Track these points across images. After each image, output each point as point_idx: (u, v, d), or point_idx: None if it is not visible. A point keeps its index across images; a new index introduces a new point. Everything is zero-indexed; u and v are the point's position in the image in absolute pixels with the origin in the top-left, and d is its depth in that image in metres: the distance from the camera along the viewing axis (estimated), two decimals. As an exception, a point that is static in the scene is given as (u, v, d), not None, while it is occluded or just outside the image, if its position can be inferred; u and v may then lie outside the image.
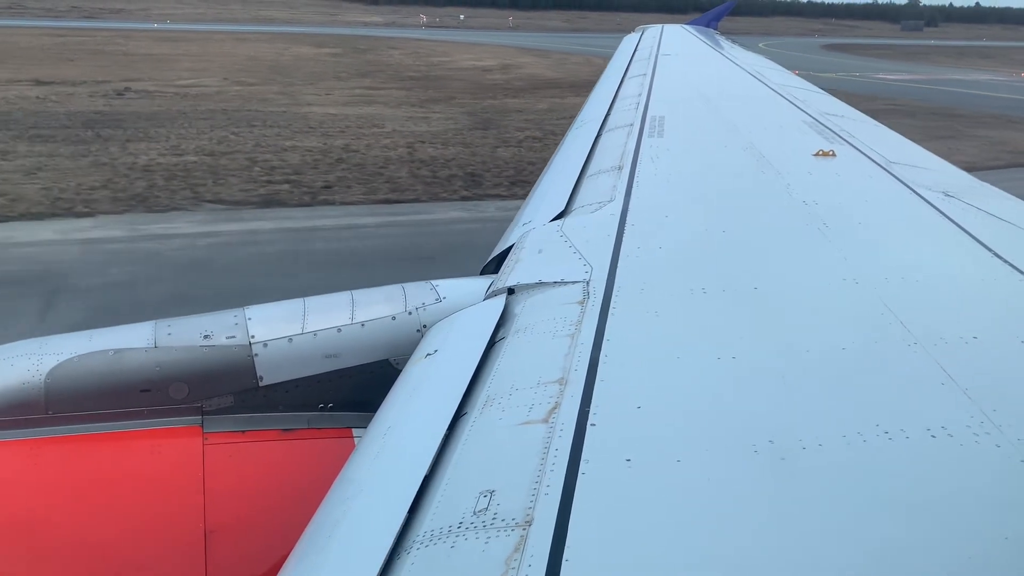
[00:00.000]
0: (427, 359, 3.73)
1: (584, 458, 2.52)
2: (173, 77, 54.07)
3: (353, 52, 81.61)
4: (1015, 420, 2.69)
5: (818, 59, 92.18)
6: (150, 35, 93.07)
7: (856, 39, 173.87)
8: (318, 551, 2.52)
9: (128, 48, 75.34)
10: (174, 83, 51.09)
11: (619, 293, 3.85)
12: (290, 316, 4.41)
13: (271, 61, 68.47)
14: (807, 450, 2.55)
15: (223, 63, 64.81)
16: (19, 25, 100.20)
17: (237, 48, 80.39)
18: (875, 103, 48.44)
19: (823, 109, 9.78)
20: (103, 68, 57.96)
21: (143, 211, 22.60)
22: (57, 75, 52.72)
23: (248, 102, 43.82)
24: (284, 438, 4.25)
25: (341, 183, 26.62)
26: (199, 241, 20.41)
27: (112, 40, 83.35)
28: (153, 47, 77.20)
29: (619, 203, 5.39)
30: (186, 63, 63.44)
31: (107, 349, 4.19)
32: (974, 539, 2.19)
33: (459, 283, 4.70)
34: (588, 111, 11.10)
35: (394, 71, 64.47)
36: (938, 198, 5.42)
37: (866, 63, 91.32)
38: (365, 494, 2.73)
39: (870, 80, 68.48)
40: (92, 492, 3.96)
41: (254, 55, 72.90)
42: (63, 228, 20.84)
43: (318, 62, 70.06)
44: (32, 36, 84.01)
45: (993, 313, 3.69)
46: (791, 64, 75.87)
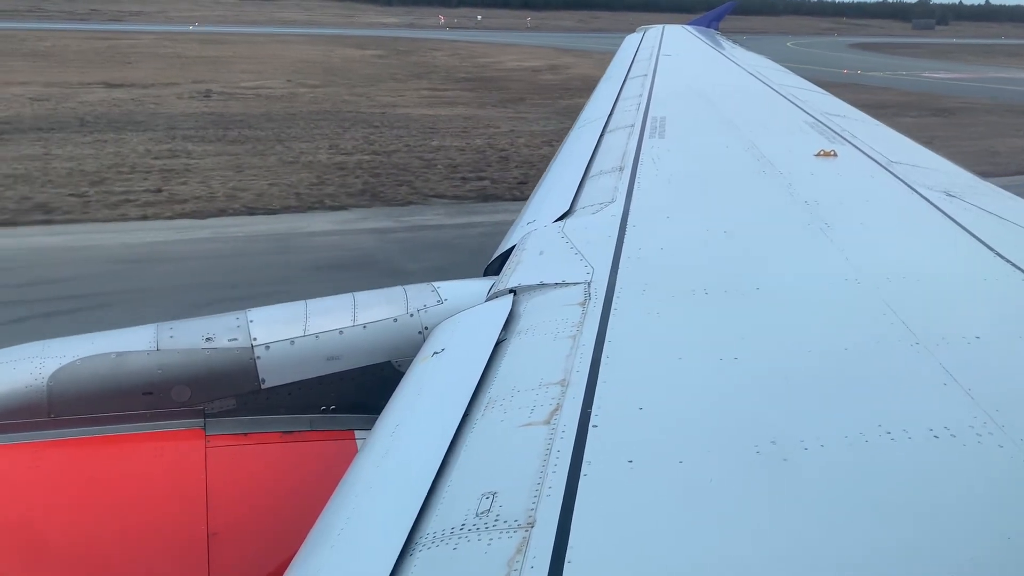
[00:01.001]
0: (434, 358, 3.72)
1: (586, 460, 2.53)
2: (236, 79, 54.98)
3: (396, 54, 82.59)
4: (1018, 420, 2.68)
5: (854, 58, 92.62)
6: (192, 38, 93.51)
7: (872, 37, 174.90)
8: (326, 552, 2.52)
9: (177, 51, 76.26)
10: (240, 85, 52.05)
11: (620, 294, 3.85)
12: (292, 318, 4.44)
13: (321, 63, 69.41)
14: (809, 451, 2.55)
15: (276, 65, 65.77)
16: (52, 28, 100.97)
17: (283, 51, 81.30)
18: (949, 101, 49.78)
19: (824, 109, 9.78)
20: (163, 71, 58.95)
21: (383, 205, 23.61)
22: (124, 78, 53.67)
23: (334, 104, 44.24)
24: (286, 440, 4.27)
25: (531, 179, 27.95)
26: (470, 231, 21.11)
27: (159, 43, 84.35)
28: (201, 50, 77.96)
29: (620, 204, 5.39)
30: (241, 65, 64.39)
31: (109, 352, 4.22)
32: (977, 540, 2.18)
33: (460, 285, 4.72)
34: (590, 111, 11.17)
35: (445, 72, 65.44)
36: (940, 198, 5.40)
37: (902, 62, 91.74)
38: (373, 495, 2.73)
39: (922, 79, 68.86)
40: (94, 495, 3.97)
41: (302, 57, 73.75)
42: (335, 219, 21.90)
43: (367, 64, 71.04)
44: (79, 40, 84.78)
45: (995, 313, 3.68)
46: (832, 63, 77.91)
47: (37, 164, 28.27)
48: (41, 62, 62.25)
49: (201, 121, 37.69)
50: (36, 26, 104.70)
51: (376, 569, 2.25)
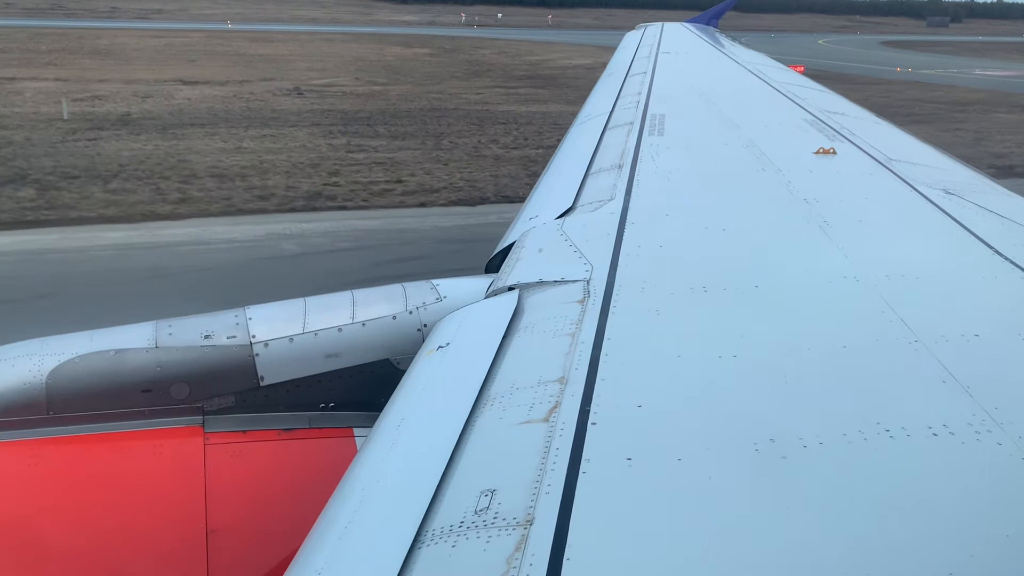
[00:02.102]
0: (439, 352, 3.72)
1: (585, 457, 2.53)
2: (306, 77, 56.20)
3: (443, 52, 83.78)
4: (1016, 418, 2.68)
5: (895, 56, 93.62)
6: (238, 36, 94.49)
7: (892, 35, 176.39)
8: (331, 548, 2.51)
9: (232, 48, 77.37)
10: (315, 83, 53.23)
11: (620, 292, 3.85)
12: (291, 316, 4.44)
13: (376, 61, 70.61)
14: (808, 448, 2.55)
15: (335, 63, 66.97)
16: (83, 26, 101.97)
17: (332, 49, 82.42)
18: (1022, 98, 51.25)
19: (823, 107, 9.79)
20: (230, 68, 60.22)
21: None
22: (196, 76, 54.89)
23: (429, 101, 45.35)
24: (285, 438, 4.28)
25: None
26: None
27: (209, 41, 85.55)
28: (254, 48, 78.98)
29: (619, 202, 5.39)
30: (301, 63, 65.61)
31: (108, 349, 4.22)
32: (976, 537, 2.20)
33: (459, 282, 4.74)
34: (590, 107, 11.23)
35: (502, 70, 66.72)
36: (938, 195, 5.40)
37: (946, 59, 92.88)
38: (379, 492, 2.73)
39: (978, 76, 69.97)
40: (93, 492, 3.98)
41: (355, 55, 74.88)
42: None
43: (421, 62, 72.26)
44: (131, 38, 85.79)
45: (994, 310, 3.68)
46: (878, 61, 79.61)
47: (248, 157, 29.66)
48: (108, 60, 63.54)
49: (327, 118, 38.93)
50: (64, 24, 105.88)
51: (384, 567, 2.25)
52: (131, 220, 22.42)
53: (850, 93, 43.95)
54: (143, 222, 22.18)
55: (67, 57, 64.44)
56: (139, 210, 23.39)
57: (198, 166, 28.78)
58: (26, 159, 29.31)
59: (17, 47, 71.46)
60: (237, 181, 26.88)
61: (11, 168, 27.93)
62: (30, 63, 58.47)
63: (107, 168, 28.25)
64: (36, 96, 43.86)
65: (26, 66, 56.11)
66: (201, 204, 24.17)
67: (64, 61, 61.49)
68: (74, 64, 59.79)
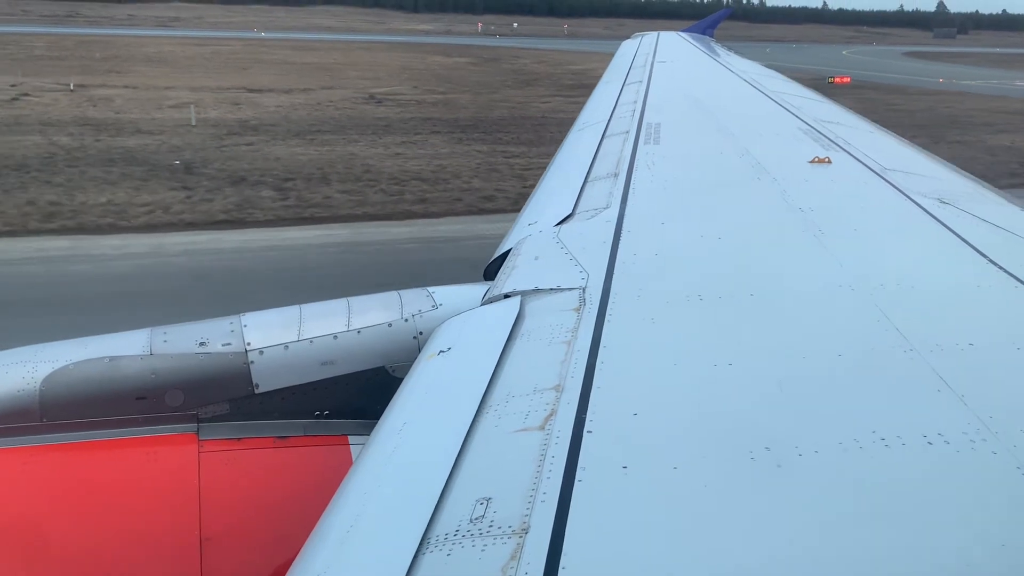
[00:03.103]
0: (440, 356, 3.72)
1: (580, 465, 2.53)
2: (364, 85, 57.41)
3: (484, 61, 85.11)
4: (1011, 427, 2.67)
5: (925, 67, 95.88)
6: (278, 44, 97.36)
7: (907, 46, 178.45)
8: (333, 554, 2.51)
9: (279, 57, 78.89)
10: (375, 91, 54.64)
11: (615, 300, 3.86)
12: (286, 323, 4.45)
13: (423, 70, 71.90)
14: (804, 457, 2.54)
15: (386, 72, 68.22)
16: (108, 34, 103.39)
17: (373, 57, 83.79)
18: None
19: (818, 116, 9.77)
20: (286, 77, 61.43)
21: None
22: (258, 83, 56.05)
23: (501, 110, 46.54)
24: (280, 445, 4.27)
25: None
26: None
27: (252, 50, 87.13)
28: (298, 56, 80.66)
29: (615, 210, 5.40)
30: (352, 72, 66.92)
31: (102, 356, 4.23)
32: (971, 546, 2.19)
33: (455, 290, 4.75)
34: (587, 115, 11.27)
35: (550, 79, 67.95)
36: (933, 204, 5.40)
37: (979, 71, 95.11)
38: (383, 498, 2.72)
39: (1021, 87, 71.65)
40: (87, 500, 3.97)
41: (401, 64, 76.11)
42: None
43: (468, 71, 73.44)
44: (176, 46, 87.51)
45: (989, 319, 3.68)
46: (912, 72, 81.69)
47: (417, 162, 31.41)
48: (164, 68, 64.76)
49: (436, 125, 40.85)
50: (87, 31, 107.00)
51: (392, 572, 2.23)
52: (399, 218, 24.45)
53: (910, 103, 46.89)
54: (410, 220, 24.23)
55: (123, 64, 65.77)
56: (389, 209, 25.14)
57: (383, 170, 30.53)
58: (216, 163, 31.12)
59: (70, 54, 72.97)
60: (442, 184, 28.40)
61: (216, 170, 29.81)
62: (91, 70, 59.72)
63: (305, 171, 30.14)
64: (129, 103, 45.19)
65: (89, 73, 57.34)
66: (439, 204, 25.95)
67: (122, 68, 62.81)
68: (134, 72, 61.04)
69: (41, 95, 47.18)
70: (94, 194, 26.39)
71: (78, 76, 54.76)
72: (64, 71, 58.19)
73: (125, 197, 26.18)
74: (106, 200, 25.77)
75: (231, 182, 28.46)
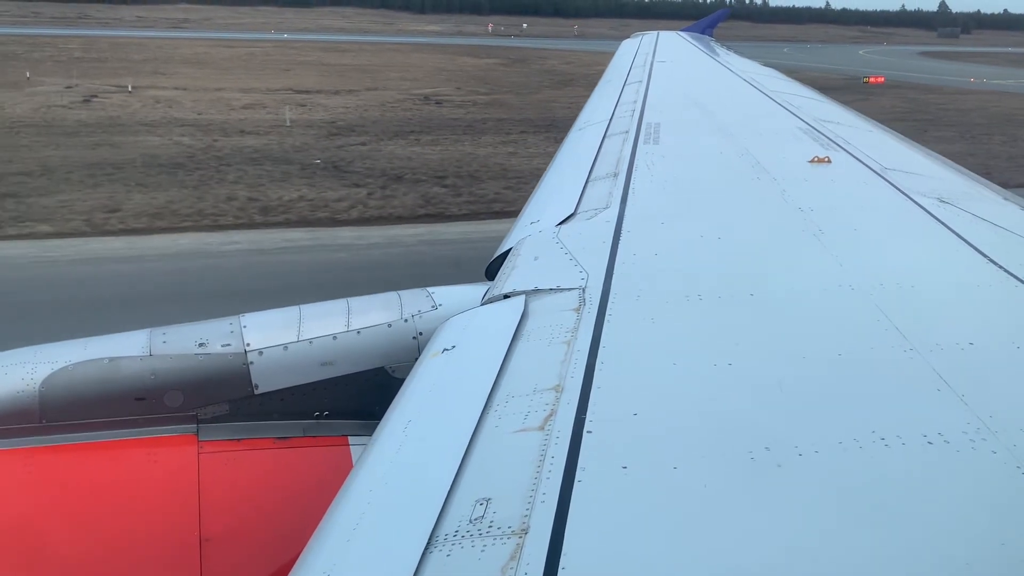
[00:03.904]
0: (444, 355, 3.72)
1: (580, 465, 2.53)
2: (406, 86, 57.94)
3: (514, 63, 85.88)
4: (1011, 426, 2.68)
5: (945, 67, 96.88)
6: (307, 46, 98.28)
7: (920, 46, 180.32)
8: (337, 553, 2.50)
9: (313, 59, 79.59)
10: (420, 92, 55.59)
11: (615, 300, 3.85)
12: (286, 324, 4.45)
13: (457, 71, 72.54)
14: (803, 456, 2.54)
15: (422, 73, 68.78)
16: (122, 36, 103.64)
17: (404, 59, 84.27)
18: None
19: (818, 115, 9.79)
20: (328, 78, 62.09)
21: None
22: (305, 85, 56.69)
23: (555, 110, 46.84)
24: (279, 446, 4.28)
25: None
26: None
27: (283, 52, 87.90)
28: (332, 58, 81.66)
29: (615, 210, 5.41)
30: (391, 73, 67.57)
31: (102, 357, 4.23)
32: (972, 545, 2.20)
33: (455, 290, 4.76)
34: (587, 114, 11.28)
35: (584, 80, 68.16)
36: (933, 204, 5.41)
37: (1002, 70, 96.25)
38: (386, 497, 2.71)
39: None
40: (87, 501, 3.98)
41: (433, 66, 76.68)
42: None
43: (500, 72, 74.08)
44: (210, 47, 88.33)
45: (989, 319, 3.68)
46: (938, 72, 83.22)
47: (541, 160, 32.89)
48: (206, 69, 65.44)
49: (512, 126, 41.64)
50: (106, 33, 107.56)
51: (400, 570, 2.23)
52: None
53: (956, 102, 48.54)
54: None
55: (164, 66, 66.52)
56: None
57: (517, 167, 31.77)
58: (355, 162, 32.41)
59: (108, 56, 73.67)
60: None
61: (366, 169, 31.24)
62: (136, 72, 60.46)
63: (447, 169, 31.77)
64: (199, 105, 46.14)
65: (134, 75, 58.09)
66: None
67: (165, 70, 63.56)
68: (178, 73, 61.80)
69: (108, 96, 48.09)
70: (277, 190, 27.47)
71: (126, 78, 55.57)
72: (110, 73, 59.02)
73: (311, 193, 27.12)
74: (297, 195, 26.74)
75: (392, 179, 29.51)
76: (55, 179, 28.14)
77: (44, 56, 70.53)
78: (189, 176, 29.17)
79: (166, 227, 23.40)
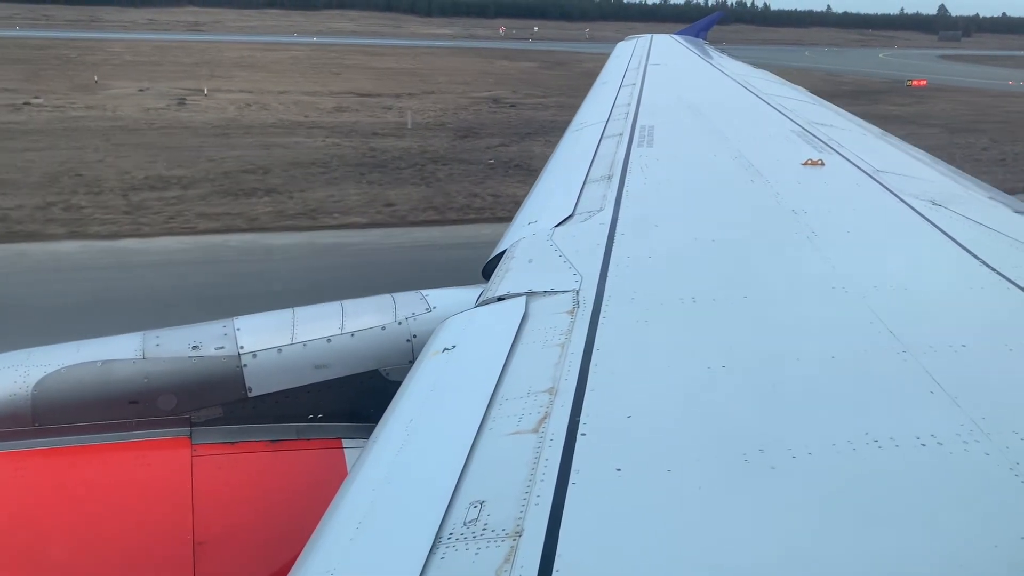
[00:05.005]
0: (445, 354, 3.71)
1: (574, 468, 2.53)
2: (462, 90, 58.86)
3: (551, 65, 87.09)
4: (1004, 428, 2.69)
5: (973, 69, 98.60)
6: (344, 49, 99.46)
7: (928, 49, 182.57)
8: (341, 553, 2.48)
9: (357, 62, 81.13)
10: (477, 95, 56.46)
11: (609, 302, 3.86)
12: (279, 326, 4.46)
13: (502, 74, 73.37)
14: (797, 459, 2.55)
15: (469, 76, 69.44)
16: (140, 39, 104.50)
17: (445, 62, 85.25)
18: None
19: (811, 118, 9.82)
20: (382, 81, 62.85)
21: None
22: (365, 88, 57.41)
23: None
24: (273, 449, 4.29)
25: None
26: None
27: (323, 55, 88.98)
28: (375, 62, 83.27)
29: (609, 212, 5.41)
30: (439, 77, 68.20)
31: (95, 360, 4.23)
32: (964, 547, 2.20)
33: (449, 293, 4.76)
34: (582, 116, 11.35)
35: (630, 83, 70.79)
36: (925, 206, 5.42)
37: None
38: (388, 499, 2.70)
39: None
40: (80, 504, 3.99)
41: (476, 69, 77.60)
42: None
43: (545, 75, 74.71)
44: (249, 50, 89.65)
45: (981, 321, 3.69)
46: (969, 75, 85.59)
47: None
48: (260, 73, 66.09)
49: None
50: (122, 36, 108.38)
51: (407, 568, 2.23)
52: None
53: (1011, 104, 50.47)
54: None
55: (218, 70, 67.38)
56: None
57: None
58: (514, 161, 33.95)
59: (158, 59, 74.48)
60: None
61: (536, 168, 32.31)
62: (194, 75, 61.34)
63: None
64: (291, 108, 47.17)
65: (194, 78, 58.92)
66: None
67: (221, 73, 64.44)
68: (235, 76, 62.64)
69: (195, 99, 48.97)
70: (496, 186, 28.69)
71: (188, 81, 56.45)
72: (170, 76, 59.73)
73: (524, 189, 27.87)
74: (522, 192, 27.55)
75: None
76: (285, 177, 29.32)
77: (97, 60, 71.33)
78: (402, 174, 30.54)
79: (455, 219, 24.89)
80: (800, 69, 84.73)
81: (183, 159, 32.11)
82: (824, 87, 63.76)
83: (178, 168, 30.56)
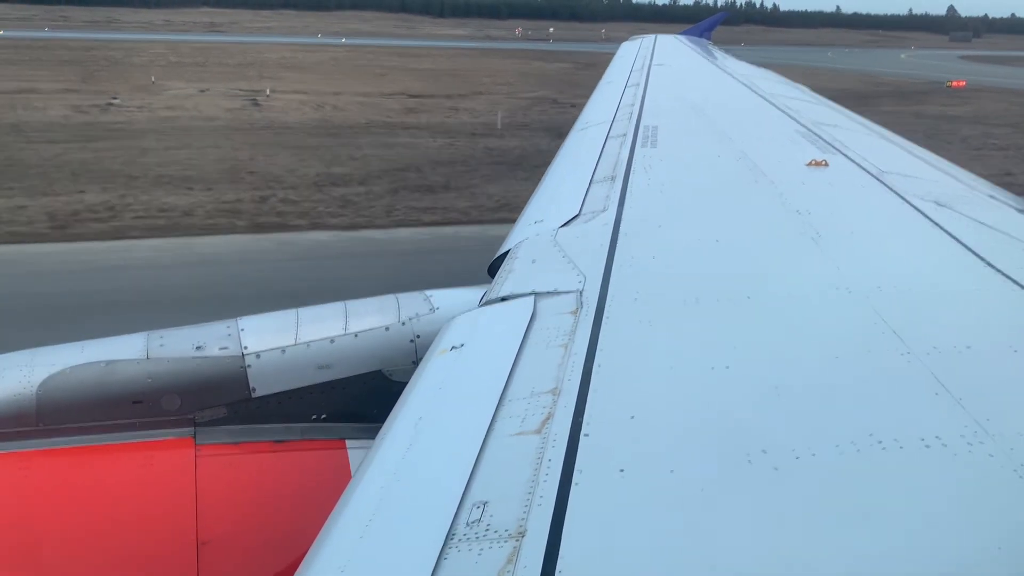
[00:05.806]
0: (453, 352, 3.73)
1: (577, 468, 2.54)
2: (505, 90, 59.11)
3: (585, 67, 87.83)
4: (1009, 429, 2.69)
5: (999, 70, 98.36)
6: (377, 51, 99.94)
7: (937, 49, 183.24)
8: (349, 552, 2.48)
9: (395, 64, 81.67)
10: (526, 96, 57.13)
11: (612, 303, 3.88)
12: (283, 327, 4.49)
13: (542, 76, 73.53)
14: (801, 460, 2.55)
15: (508, 77, 69.87)
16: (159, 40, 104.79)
17: (480, 63, 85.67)
18: None
19: (815, 119, 9.85)
20: (429, 83, 62.98)
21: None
22: (414, 89, 57.78)
23: None
24: (277, 449, 4.33)
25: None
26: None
27: (361, 56, 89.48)
28: (414, 63, 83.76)
29: (612, 213, 5.42)
30: (482, 78, 68.66)
31: (99, 360, 4.27)
32: (969, 548, 2.20)
33: (453, 293, 4.77)
34: (587, 116, 11.37)
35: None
36: (930, 207, 5.42)
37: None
38: (397, 499, 2.71)
39: None
40: (83, 504, 4.02)
41: (513, 70, 78.00)
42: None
43: (581, 75, 74.44)
44: (288, 51, 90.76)
45: (986, 322, 3.70)
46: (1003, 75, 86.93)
47: None
48: (308, 74, 66.59)
49: None
50: (143, 37, 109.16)
51: (419, 567, 2.23)
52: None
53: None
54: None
55: (265, 70, 68.02)
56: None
57: None
58: None
59: (204, 60, 75.35)
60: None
61: None
62: (242, 76, 62.08)
63: None
64: (362, 109, 47.98)
65: (243, 79, 59.69)
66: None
67: (268, 74, 64.90)
68: (283, 78, 63.23)
69: (267, 100, 49.50)
70: None
71: (245, 82, 57.27)
72: (222, 77, 60.33)
73: None
74: None
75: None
76: (442, 175, 29.93)
77: (143, 61, 71.67)
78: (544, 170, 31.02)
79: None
80: (831, 70, 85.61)
81: (326, 157, 32.42)
82: (863, 88, 64.65)
83: (335, 166, 30.92)
